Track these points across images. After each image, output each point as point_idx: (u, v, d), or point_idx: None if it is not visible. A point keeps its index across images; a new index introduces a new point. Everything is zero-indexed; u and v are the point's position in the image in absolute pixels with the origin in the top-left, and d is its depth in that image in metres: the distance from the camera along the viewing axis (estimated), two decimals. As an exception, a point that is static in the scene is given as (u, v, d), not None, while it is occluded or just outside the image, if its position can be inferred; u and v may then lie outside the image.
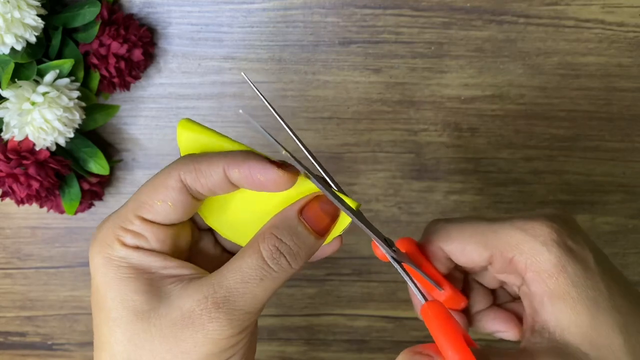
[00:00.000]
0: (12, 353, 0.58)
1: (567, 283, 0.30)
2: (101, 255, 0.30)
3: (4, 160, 0.45)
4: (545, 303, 0.31)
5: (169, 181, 0.30)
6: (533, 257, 0.31)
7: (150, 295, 0.29)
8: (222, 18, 0.50)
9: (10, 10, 0.42)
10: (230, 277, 0.29)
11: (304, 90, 0.51)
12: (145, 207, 0.30)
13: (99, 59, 0.47)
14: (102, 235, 0.30)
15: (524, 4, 0.49)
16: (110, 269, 0.29)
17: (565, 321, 0.30)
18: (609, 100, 0.51)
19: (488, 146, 0.52)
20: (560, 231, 0.31)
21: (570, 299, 0.30)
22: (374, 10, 0.49)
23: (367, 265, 0.55)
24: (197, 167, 0.30)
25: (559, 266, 0.30)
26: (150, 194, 0.30)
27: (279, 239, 0.29)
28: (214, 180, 0.30)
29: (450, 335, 0.28)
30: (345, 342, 0.57)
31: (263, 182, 0.29)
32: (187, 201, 0.30)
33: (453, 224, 0.34)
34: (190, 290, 0.29)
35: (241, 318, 0.29)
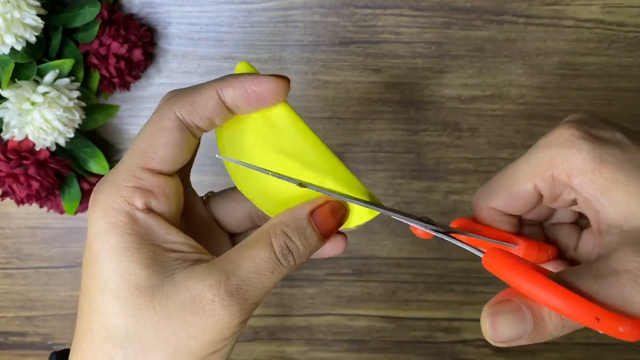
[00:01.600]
0: (12, 353, 0.58)
1: (611, 170, 0.29)
2: (105, 221, 0.28)
3: (4, 160, 0.45)
4: (601, 200, 0.29)
5: (165, 122, 0.29)
6: (568, 163, 0.30)
7: (153, 270, 0.28)
8: (222, 18, 0.50)
9: (10, 10, 0.42)
10: (244, 266, 0.28)
11: (304, 90, 0.51)
12: (150, 155, 0.29)
13: (99, 59, 0.47)
14: (106, 197, 0.28)
15: (524, 4, 0.49)
16: (114, 236, 0.28)
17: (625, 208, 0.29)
18: (609, 100, 0.51)
19: (488, 146, 0.52)
20: (581, 126, 0.30)
21: (621, 185, 0.29)
22: (374, 10, 0.49)
23: (367, 265, 0.55)
24: (191, 99, 0.29)
25: (596, 158, 0.29)
26: (151, 140, 0.29)
27: (289, 237, 0.29)
28: (210, 107, 0.29)
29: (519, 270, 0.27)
30: (345, 342, 0.57)
31: (258, 93, 0.29)
32: (189, 140, 0.29)
33: (489, 182, 0.34)
34: (198, 273, 0.28)
35: (249, 308, 0.29)
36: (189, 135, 0.29)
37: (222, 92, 0.29)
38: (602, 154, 0.29)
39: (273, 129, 0.31)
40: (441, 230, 0.32)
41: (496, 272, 0.28)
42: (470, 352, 0.57)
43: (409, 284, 0.55)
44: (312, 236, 0.30)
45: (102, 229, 0.28)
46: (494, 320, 0.27)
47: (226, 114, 0.30)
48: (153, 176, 0.29)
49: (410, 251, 0.55)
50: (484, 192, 0.34)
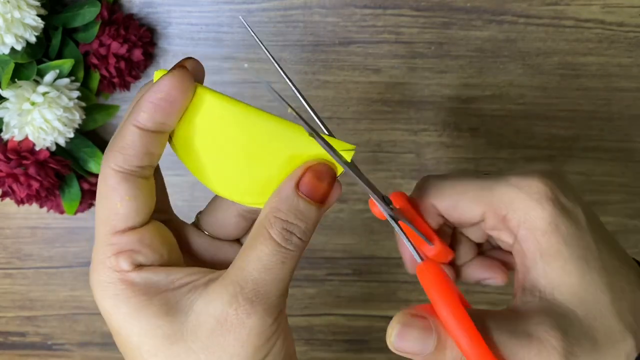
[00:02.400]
0: (12, 353, 0.58)
1: (559, 241, 0.30)
2: (107, 297, 0.28)
3: (4, 160, 0.45)
4: (537, 261, 0.30)
5: (109, 181, 0.29)
6: (527, 214, 0.31)
7: (172, 314, 0.28)
8: (222, 18, 0.50)
9: (10, 10, 0.42)
10: (253, 269, 0.28)
11: (304, 90, 0.51)
12: (111, 219, 0.29)
13: (99, 59, 0.47)
14: (97, 275, 0.29)
15: (524, 4, 0.49)
16: (121, 306, 0.28)
17: (556, 280, 0.30)
18: (609, 100, 0.51)
19: (488, 146, 0.52)
20: (554, 188, 0.31)
21: (562, 258, 0.30)
22: (374, 10, 0.49)
23: (367, 265, 0.55)
24: (116, 146, 0.28)
25: (552, 224, 0.30)
26: (106, 205, 0.29)
27: (284, 220, 0.29)
28: (138, 144, 0.28)
29: (446, 296, 0.28)
30: (345, 342, 0.57)
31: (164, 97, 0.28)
32: (139, 185, 0.29)
33: (446, 181, 0.34)
34: (213, 294, 0.28)
35: (275, 304, 0.29)
36: (138, 179, 0.29)
37: (138, 123, 0.28)
38: (560, 222, 0.30)
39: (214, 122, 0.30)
40: (394, 217, 0.32)
41: (426, 286, 0.29)
42: (470, 352, 0.57)
43: (409, 284, 0.55)
44: (307, 208, 0.29)
45: (108, 305, 0.28)
46: (403, 330, 0.28)
47: (158, 138, 0.29)
48: (125, 235, 0.29)
49: (410, 251, 0.55)
50: (437, 189, 0.34)
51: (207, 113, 0.30)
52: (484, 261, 0.37)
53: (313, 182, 0.30)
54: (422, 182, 0.35)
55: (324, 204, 0.30)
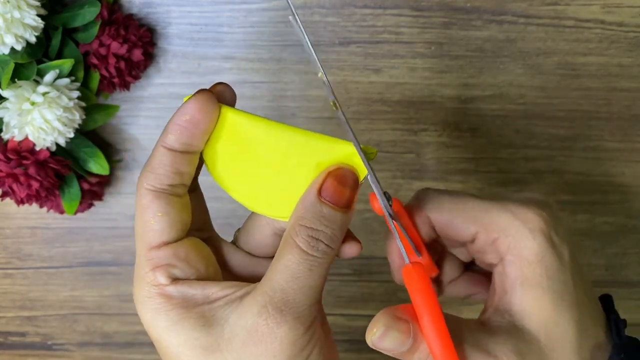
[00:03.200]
0: (12, 353, 0.58)
1: (542, 274, 0.31)
2: (146, 310, 0.30)
3: (4, 160, 0.45)
4: (516, 287, 0.31)
5: (142, 200, 0.30)
6: (517, 241, 0.32)
7: (209, 327, 0.29)
8: (222, 18, 0.50)
9: (10, 10, 0.42)
10: (281, 279, 0.29)
11: (304, 90, 0.51)
12: (147, 235, 0.30)
13: (99, 59, 0.47)
14: (138, 290, 0.30)
15: (524, 4, 0.49)
16: (160, 319, 0.29)
17: (529, 308, 0.31)
18: (609, 100, 0.51)
19: (488, 146, 0.52)
20: (549, 222, 0.32)
21: (540, 289, 0.31)
22: (374, 10, 0.49)
23: (367, 265, 0.55)
24: (148, 167, 0.30)
25: (539, 256, 0.31)
26: (141, 223, 0.30)
27: (309, 227, 0.29)
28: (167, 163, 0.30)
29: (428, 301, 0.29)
30: (345, 342, 0.57)
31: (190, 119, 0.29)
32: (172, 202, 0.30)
33: (445, 196, 0.34)
34: (246, 306, 0.29)
35: (306, 312, 0.29)
36: (169, 197, 0.30)
37: (166, 144, 0.30)
38: (546, 256, 0.31)
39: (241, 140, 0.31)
40: (392, 215, 0.32)
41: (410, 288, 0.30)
42: (470, 352, 0.57)
43: (409, 284, 0.55)
44: (331, 213, 0.30)
45: (149, 318, 0.30)
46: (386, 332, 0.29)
47: (186, 158, 0.30)
48: (160, 250, 0.30)
49: (410, 251, 0.55)
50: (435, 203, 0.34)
51: (233, 132, 0.31)
52: (472, 277, 0.38)
53: (335, 187, 0.30)
54: (420, 194, 0.35)
55: (349, 209, 0.31)
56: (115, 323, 0.57)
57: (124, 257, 0.55)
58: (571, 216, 0.54)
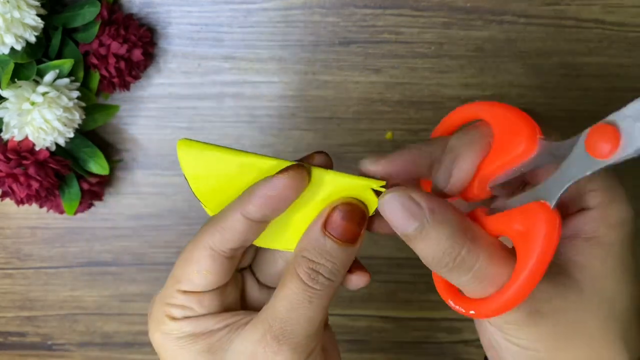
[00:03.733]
0: (12, 353, 0.58)
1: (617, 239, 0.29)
2: (158, 333, 0.31)
3: (3, 160, 0.45)
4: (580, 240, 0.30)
5: (197, 252, 0.30)
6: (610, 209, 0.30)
7: (213, 352, 0.30)
8: (222, 18, 0.50)
9: (10, 10, 0.42)
10: (280, 307, 0.29)
11: (304, 90, 0.51)
12: (182, 281, 0.31)
13: (98, 59, 0.47)
14: (154, 314, 0.31)
15: (524, 4, 0.49)
16: (169, 343, 0.30)
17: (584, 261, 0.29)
18: (609, 100, 0.51)
19: (488, 146, 0.52)
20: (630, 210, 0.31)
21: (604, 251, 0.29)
22: (374, 10, 0.49)
23: (367, 266, 0.55)
24: (219, 226, 0.30)
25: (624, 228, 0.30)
26: (184, 268, 0.30)
27: (310, 260, 0.29)
28: (240, 230, 0.29)
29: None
30: (346, 342, 0.57)
31: (277, 195, 0.29)
32: (223, 264, 0.30)
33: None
34: (247, 333, 0.29)
35: (303, 343, 0.29)
36: (223, 260, 0.30)
37: (246, 213, 0.29)
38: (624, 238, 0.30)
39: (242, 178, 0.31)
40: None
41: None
42: (472, 352, 0.57)
43: (410, 284, 0.55)
44: (334, 248, 0.30)
45: (159, 339, 0.31)
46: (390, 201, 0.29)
47: (257, 227, 0.30)
48: (187, 295, 0.31)
49: (411, 251, 0.54)
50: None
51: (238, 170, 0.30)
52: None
53: (339, 222, 0.30)
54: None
55: (355, 243, 0.30)
56: (115, 323, 0.56)
57: (124, 257, 0.55)
58: (571, 216, 0.54)
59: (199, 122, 0.52)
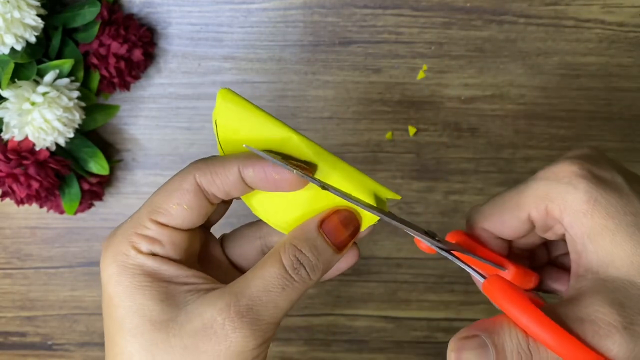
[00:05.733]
0: (12, 353, 0.58)
1: (603, 216, 0.29)
2: (115, 264, 0.29)
3: (4, 160, 0.45)
4: (586, 243, 0.29)
5: (184, 184, 0.29)
6: (563, 199, 0.29)
7: (167, 304, 0.28)
8: (222, 18, 0.50)
9: (10, 10, 0.42)
10: (253, 286, 0.28)
11: (304, 90, 0.51)
12: (160, 210, 0.30)
13: (99, 59, 0.47)
14: (116, 243, 0.30)
15: (524, 4, 0.49)
16: (125, 277, 0.29)
17: (607, 256, 0.28)
18: (609, 100, 0.51)
19: (488, 146, 0.52)
20: (583, 164, 0.30)
21: (609, 232, 0.28)
22: (374, 10, 0.49)
23: (367, 265, 0.55)
24: (213, 169, 0.29)
25: (591, 201, 0.29)
26: (166, 197, 0.30)
27: (299, 249, 0.29)
28: (229, 182, 0.29)
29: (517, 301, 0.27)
30: (345, 342, 0.57)
31: (278, 180, 0.29)
32: (203, 204, 0.30)
33: (486, 203, 0.34)
34: (210, 299, 0.28)
35: (264, 329, 0.28)
36: (204, 200, 0.30)
37: (243, 170, 0.29)
38: (598, 196, 0.29)
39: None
40: (444, 247, 0.32)
41: (494, 299, 0.29)
42: (470, 352, 0.57)
43: (409, 284, 0.55)
44: (323, 247, 0.30)
45: (113, 272, 0.29)
46: (460, 355, 0.28)
47: (244, 188, 0.30)
48: (160, 228, 0.30)
49: (410, 251, 0.55)
50: (478, 214, 0.34)
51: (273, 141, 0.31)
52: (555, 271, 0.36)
53: (336, 225, 0.30)
54: (467, 213, 0.35)
55: (341, 251, 0.31)
56: (115, 323, 0.56)
57: (124, 257, 0.55)
58: (571, 216, 0.54)
59: (199, 122, 0.52)
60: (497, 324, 0.28)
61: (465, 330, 0.28)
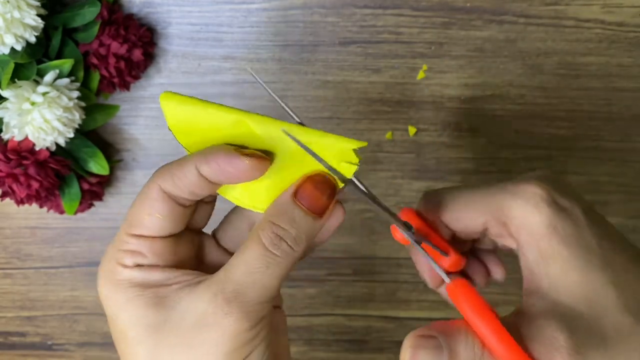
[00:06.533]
0: (12, 353, 0.58)
1: (558, 243, 0.30)
2: (107, 283, 0.30)
3: (4, 160, 0.45)
4: (539, 265, 0.31)
5: (150, 193, 0.30)
6: (525, 219, 0.31)
7: (160, 307, 0.29)
8: (222, 18, 0.50)
9: (10, 10, 0.42)
10: (236, 271, 0.29)
11: (304, 90, 0.51)
12: (135, 223, 0.30)
13: (99, 59, 0.47)
14: (104, 264, 0.31)
15: (524, 4, 0.49)
16: (118, 293, 0.30)
17: (557, 282, 0.30)
18: (609, 100, 0.51)
19: (488, 146, 0.52)
20: (550, 190, 0.31)
21: (561, 259, 0.30)
22: (374, 10, 0.49)
23: (367, 265, 0.55)
24: (172, 172, 0.30)
25: (550, 227, 0.30)
26: (137, 210, 0.30)
27: (276, 225, 0.29)
28: (189, 181, 0.29)
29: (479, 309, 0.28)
30: (345, 342, 0.57)
31: (233, 172, 0.29)
32: (174, 209, 0.30)
33: (448, 194, 0.34)
34: (198, 292, 0.29)
35: (255, 309, 0.29)
36: (174, 205, 0.30)
37: (199, 168, 0.29)
38: (557, 224, 0.30)
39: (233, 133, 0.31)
40: (416, 240, 0.32)
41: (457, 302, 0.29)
42: (470, 352, 0.57)
43: (409, 284, 0.55)
44: (301, 216, 0.30)
45: (107, 291, 0.30)
46: (415, 353, 0.28)
47: (208, 185, 0.30)
48: (139, 240, 0.30)
49: (410, 251, 0.55)
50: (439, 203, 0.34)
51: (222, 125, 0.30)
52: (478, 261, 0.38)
53: (311, 192, 0.30)
54: (426, 197, 0.35)
55: (322, 216, 0.30)
56: (115, 323, 0.57)
57: (124, 257, 0.55)
58: (571, 216, 0.54)
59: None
60: (455, 329, 0.29)
61: (424, 330, 0.29)
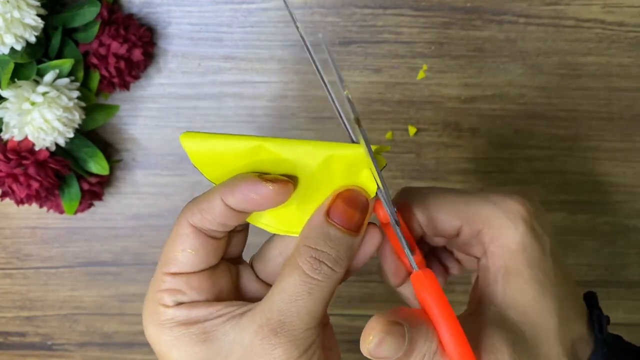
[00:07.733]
0: (12, 353, 0.58)
1: (523, 262, 0.31)
2: (152, 325, 0.30)
3: (3, 160, 0.45)
4: (499, 278, 0.32)
5: (181, 230, 0.30)
6: (500, 230, 0.32)
7: (208, 342, 0.29)
8: (222, 18, 0.50)
9: (10, 10, 0.42)
10: (279, 300, 0.28)
11: (304, 90, 0.51)
12: (170, 262, 0.30)
13: (98, 58, 0.47)
14: (147, 307, 0.31)
15: (524, 4, 0.49)
16: (164, 333, 0.30)
17: (510, 298, 0.31)
18: (609, 100, 0.51)
19: (488, 146, 0.52)
20: (531, 211, 0.32)
21: (522, 279, 0.31)
22: (374, 10, 0.49)
23: (367, 265, 0.55)
24: (200, 206, 0.30)
25: (521, 245, 0.31)
26: (170, 248, 0.30)
27: (313, 248, 0.29)
28: (217, 213, 0.29)
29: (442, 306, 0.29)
30: (345, 342, 0.57)
31: (257, 199, 0.29)
32: (206, 243, 0.30)
33: (429, 193, 0.34)
34: (244, 323, 0.29)
35: (302, 336, 0.28)
36: (206, 238, 0.30)
37: (225, 199, 0.29)
38: (528, 245, 0.31)
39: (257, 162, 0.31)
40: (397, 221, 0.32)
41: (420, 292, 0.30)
42: (470, 352, 0.57)
43: (409, 284, 0.55)
44: (337, 235, 0.29)
45: (153, 332, 0.30)
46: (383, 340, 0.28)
47: (237, 215, 0.30)
48: (176, 277, 0.30)
49: (410, 251, 0.55)
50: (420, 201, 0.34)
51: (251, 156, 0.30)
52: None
53: (343, 209, 0.30)
54: (403, 192, 0.35)
55: (358, 232, 0.30)
56: (115, 323, 0.56)
57: (123, 257, 0.55)
58: (571, 216, 0.54)
59: (199, 122, 0.52)
60: (419, 321, 0.29)
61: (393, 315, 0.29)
